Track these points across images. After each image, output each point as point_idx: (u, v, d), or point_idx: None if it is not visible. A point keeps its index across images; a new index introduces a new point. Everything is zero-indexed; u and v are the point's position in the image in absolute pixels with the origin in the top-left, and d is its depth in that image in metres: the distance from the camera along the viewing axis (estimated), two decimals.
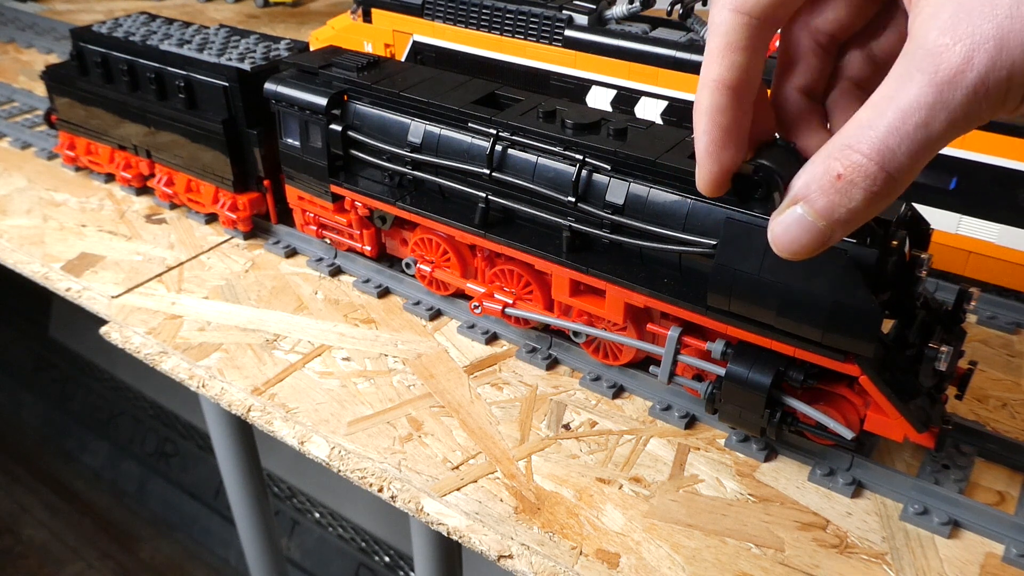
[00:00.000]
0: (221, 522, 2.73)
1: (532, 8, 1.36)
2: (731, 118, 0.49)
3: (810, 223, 0.46)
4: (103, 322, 1.11)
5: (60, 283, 1.19)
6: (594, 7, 1.33)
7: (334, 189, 1.11)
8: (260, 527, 1.51)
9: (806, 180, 0.45)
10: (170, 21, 1.40)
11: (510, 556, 0.77)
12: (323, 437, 0.90)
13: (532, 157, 0.94)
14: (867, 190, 0.43)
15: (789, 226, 0.47)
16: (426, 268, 1.08)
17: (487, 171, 0.95)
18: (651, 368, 0.89)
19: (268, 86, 1.12)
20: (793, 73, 0.53)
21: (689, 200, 0.83)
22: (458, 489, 0.83)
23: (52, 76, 1.44)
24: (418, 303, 1.11)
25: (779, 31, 0.52)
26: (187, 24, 1.37)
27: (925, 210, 1.03)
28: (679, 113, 1.25)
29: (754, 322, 0.79)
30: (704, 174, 0.52)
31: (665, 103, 1.26)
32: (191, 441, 2.88)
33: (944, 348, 0.74)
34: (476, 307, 1.01)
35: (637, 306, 0.89)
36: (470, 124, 0.98)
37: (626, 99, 1.30)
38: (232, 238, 1.29)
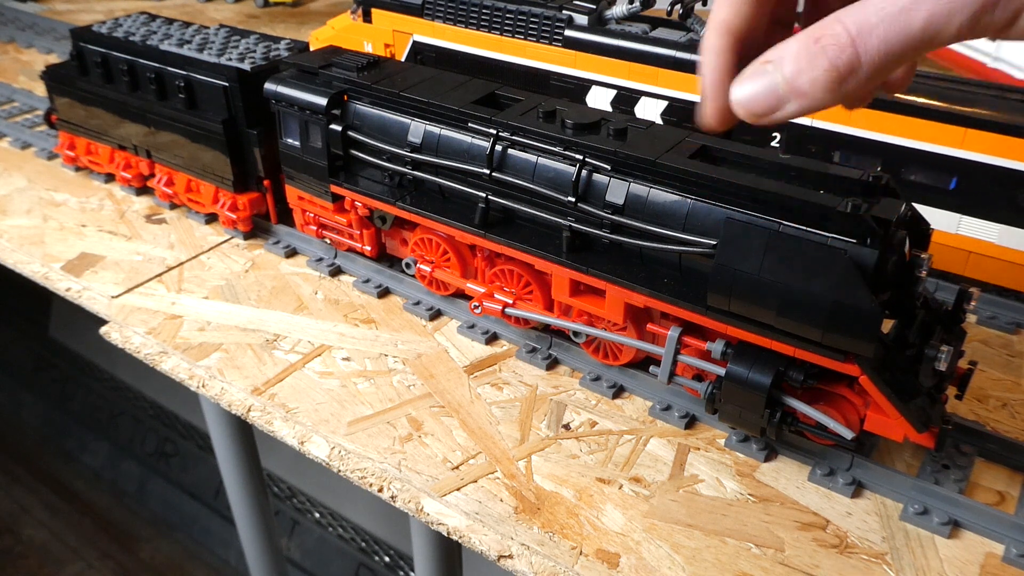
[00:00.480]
0: (221, 522, 2.73)
1: (532, 8, 1.36)
2: (731, 60, 0.51)
3: (772, 82, 0.45)
4: (103, 322, 1.11)
5: (60, 283, 1.19)
6: (594, 7, 1.33)
7: (334, 189, 1.11)
8: (260, 527, 1.51)
9: (788, 44, 0.45)
10: (170, 21, 1.39)
11: (510, 556, 0.77)
12: (323, 437, 0.90)
13: (532, 157, 0.94)
14: (831, 60, 0.43)
15: (753, 79, 0.46)
16: (426, 268, 1.08)
17: (487, 171, 0.95)
18: (651, 368, 0.89)
19: (268, 86, 1.12)
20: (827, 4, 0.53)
21: (689, 200, 0.83)
22: (458, 489, 0.83)
23: (52, 76, 1.44)
24: (418, 303, 1.11)
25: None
26: (187, 24, 1.37)
27: (925, 210, 1.03)
28: (679, 113, 1.25)
29: (754, 322, 0.79)
30: (707, 108, 0.52)
31: (665, 103, 1.26)
32: (191, 441, 2.88)
33: (944, 348, 0.74)
34: (476, 307, 1.01)
35: (637, 306, 0.89)
36: (470, 124, 0.98)
37: (626, 99, 1.30)
38: (232, 238, 1.29)
